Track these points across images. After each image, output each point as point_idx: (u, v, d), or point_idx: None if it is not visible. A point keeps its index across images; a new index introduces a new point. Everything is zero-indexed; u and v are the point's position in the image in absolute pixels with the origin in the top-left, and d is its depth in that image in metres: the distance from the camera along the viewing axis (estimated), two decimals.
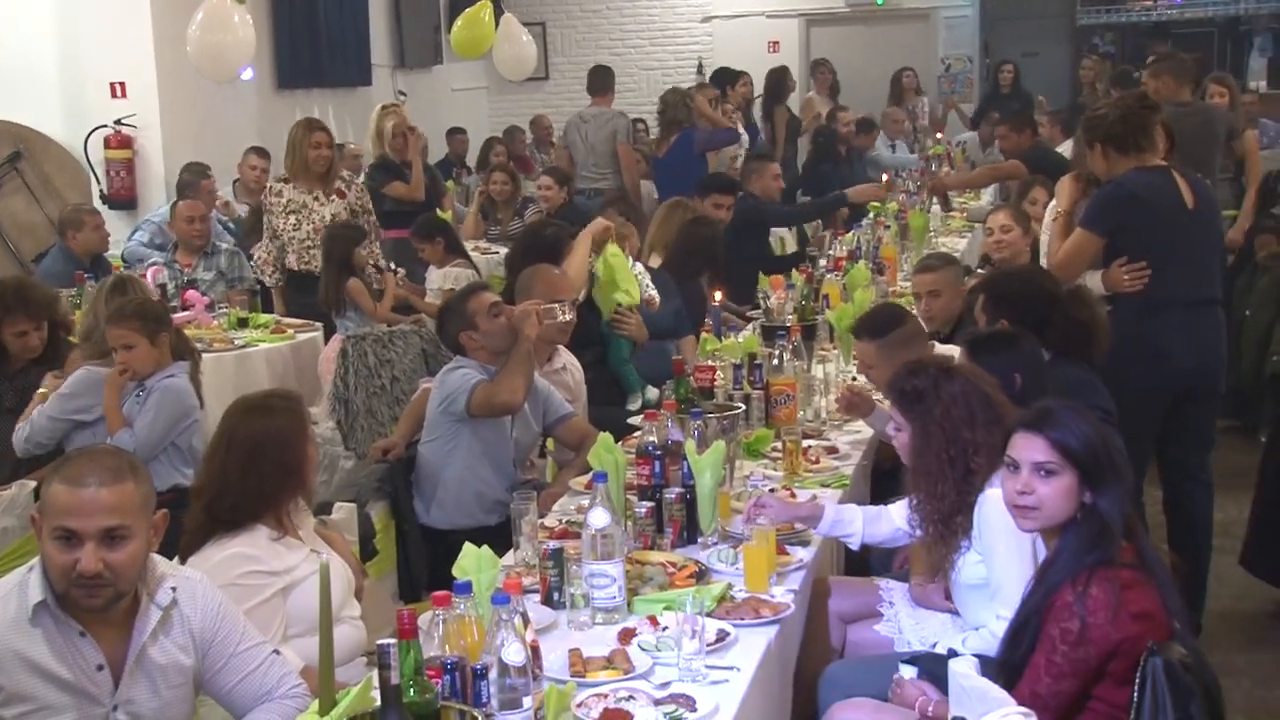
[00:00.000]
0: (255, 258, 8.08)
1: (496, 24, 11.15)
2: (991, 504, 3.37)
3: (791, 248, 10.05)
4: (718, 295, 6.51)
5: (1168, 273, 5.16)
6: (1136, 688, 2.90)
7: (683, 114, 9.89)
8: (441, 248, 8.13)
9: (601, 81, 11.14)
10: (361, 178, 8.95)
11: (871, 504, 4.97)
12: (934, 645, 3.64)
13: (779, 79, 12.92)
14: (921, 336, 4.97)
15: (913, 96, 14.10)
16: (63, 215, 8.40)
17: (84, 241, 8.02)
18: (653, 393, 5.94)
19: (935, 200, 10.20)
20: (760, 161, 9.09)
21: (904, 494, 4.64)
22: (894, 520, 3.93)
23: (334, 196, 7.95)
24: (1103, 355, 4.74)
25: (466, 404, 4.72)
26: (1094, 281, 5.31)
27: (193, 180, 9.14)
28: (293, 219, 7.88)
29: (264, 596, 3.42)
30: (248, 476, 3.50)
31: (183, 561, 3.37)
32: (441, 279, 7.93)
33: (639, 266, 6.66)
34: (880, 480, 5.09)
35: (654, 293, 6.56)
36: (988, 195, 11.62)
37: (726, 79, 12.20)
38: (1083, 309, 4.70)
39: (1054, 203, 6.03)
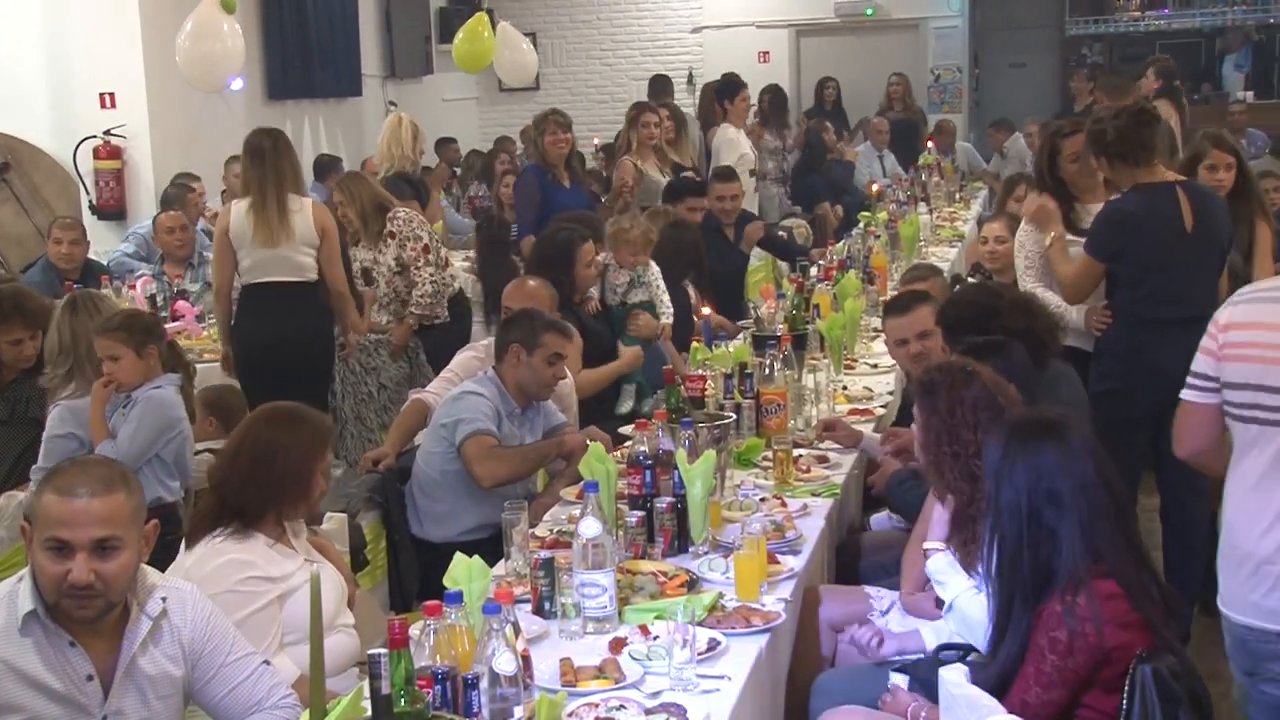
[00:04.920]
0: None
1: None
2: None
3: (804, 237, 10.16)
4: (705, 310, 6.52)
5: (1160, 293, 5.17)
6: (1125, 695, 2.91)
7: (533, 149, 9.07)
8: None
9: (653, 87, 11.76)
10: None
11: (863, 513, 5.01)
12: (923, 654, 3.64)
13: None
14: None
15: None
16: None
17: (55, 254, 8.01)
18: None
19: None
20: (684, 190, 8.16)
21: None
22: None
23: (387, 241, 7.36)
24: (1055, 355, 4.73)
25: (459, 444, 4.70)
26: (1073, 319, 5.41)
27: (179, 194, 9.12)
28: None
29: (261, 604, 3.42)
30: (250, 481, 3.53)
31: (188, 548, 3.43)
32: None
33: (661, 282, 6.65)
34: (871, 490, 5.10)
35: (668, 319, 6.58)
36: (976, 205, 11.68)
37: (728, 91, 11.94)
38: (1020, 318, 4.66)
39: (1025, 224, 5.94)
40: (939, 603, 3.76)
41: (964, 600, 3.48)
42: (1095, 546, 3.02)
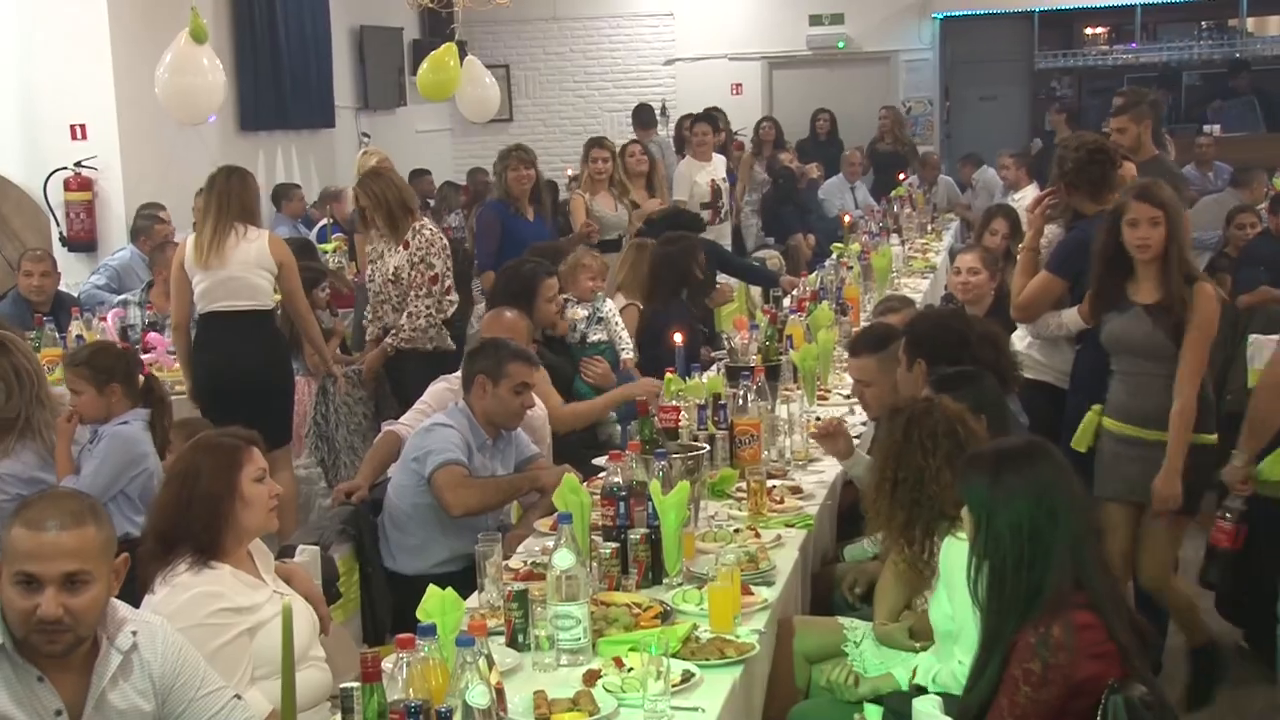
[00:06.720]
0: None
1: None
2: (955, 549, 3.39)
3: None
4: (678, 337, 6.52)
5: None
6: None
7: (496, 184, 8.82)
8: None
9: (637, 117, 12.52)
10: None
11: (837, 544, 5.01)
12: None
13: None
14: None
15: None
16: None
17: (26, 286, 7.97)
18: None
19: None
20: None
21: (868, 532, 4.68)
22: None
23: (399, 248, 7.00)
24: (1012, 391, 4.78)
25: (430, 475, 4.68)
26: (1070, 318, 5.39)
27: (147, 225, 9.09)
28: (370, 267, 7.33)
29: (231, 635, 3.38)
30: (171, 507, 3.53)
31: (148, 589, 3.38)
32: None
33: (619, 318, 6.75)
34: (845, 520, 5.10)
35: (629, 354, 6.67)
36: (948, 237, 11.74)
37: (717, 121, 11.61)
38: (989, 351, 4.75)
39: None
40: (910, 633, 3.77)
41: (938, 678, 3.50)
42: (1080, 568, 3.03)
